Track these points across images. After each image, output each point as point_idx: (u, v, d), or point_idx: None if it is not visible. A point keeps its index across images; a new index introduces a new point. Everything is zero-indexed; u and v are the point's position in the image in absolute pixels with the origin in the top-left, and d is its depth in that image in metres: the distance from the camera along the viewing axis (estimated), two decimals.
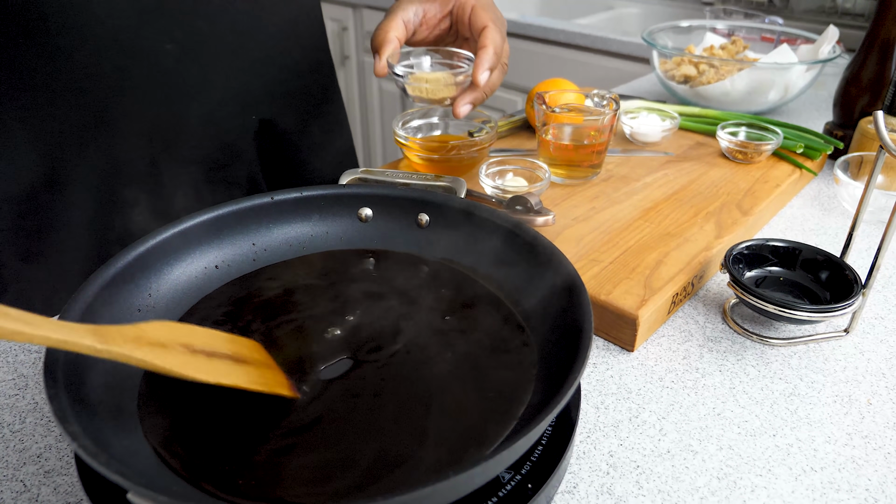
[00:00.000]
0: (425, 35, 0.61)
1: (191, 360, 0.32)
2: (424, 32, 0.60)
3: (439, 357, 0.39)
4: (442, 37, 0.62)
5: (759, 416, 0.44)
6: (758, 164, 0.73)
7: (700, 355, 0.50)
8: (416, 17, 0.58)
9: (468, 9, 0.57)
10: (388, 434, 0.34)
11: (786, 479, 0.40)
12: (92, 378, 0.34)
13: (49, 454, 0.40)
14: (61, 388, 0.30)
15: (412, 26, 0.58)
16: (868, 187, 0.50)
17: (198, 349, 0.33)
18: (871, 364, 0.49)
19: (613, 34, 1.39)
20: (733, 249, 0.53)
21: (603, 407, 0.45)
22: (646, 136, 0.77)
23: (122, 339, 0.30)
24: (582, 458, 0.41)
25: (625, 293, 0.50)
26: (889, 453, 0.42)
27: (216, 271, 0.45)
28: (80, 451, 0.27)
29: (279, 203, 0.48)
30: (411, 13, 0.57)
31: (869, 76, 0.79)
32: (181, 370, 0.31)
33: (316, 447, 0.33)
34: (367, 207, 0.50)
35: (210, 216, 0.45)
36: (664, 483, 0.39)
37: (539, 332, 0.41)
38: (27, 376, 0.46)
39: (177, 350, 0.32)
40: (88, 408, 0.32)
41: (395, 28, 0.56)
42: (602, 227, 0.60)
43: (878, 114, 0.46)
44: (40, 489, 0.38)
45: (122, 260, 0.40)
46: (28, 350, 0.49)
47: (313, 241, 0.49)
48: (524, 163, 0.66)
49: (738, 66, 0.87)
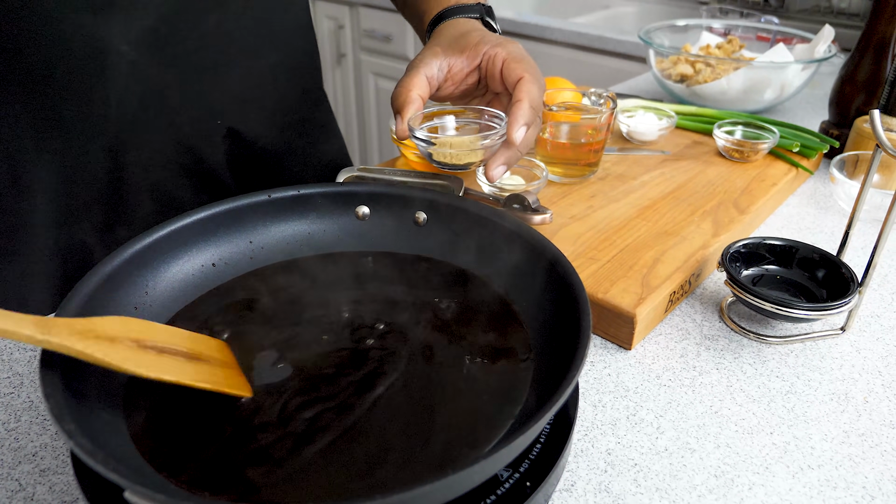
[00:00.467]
0: (451, 91, 0.54)
1: (134, 356, 0.32)
2: (450, 88, 0.54)
3: (437, 355, 0.39)
4: (469, 92, 0.56)
5: (757, 413, 0.44)
6: (754, 162, 0.73)
7: (697, 353, 0.50)
8: (441, 73, 0.52)
9: (499, 62, 0.51)
10: (387, 432, 0.34)
11: (783, 477, 0.40)
12: (89, 376, 0.33)
13: (45, 453, 0.40)
14: (57, 386, 0.30)
15: (436, 82, 0.51)
16: (864, 186, 0.50)
17: (149, 345, 0.34)
18: (868, 362, 0.49)
19: (610, 33, 1.39)
20: (730, 248, 0.53)
21: (601, 405, 0.45)
22: (642, 134, 0.77)
23: (68, 331, 0.30)
24: (580, 455, 0.41)
25: (622, 291, 0.50)
26: (885, 451, 0.42)
27: (213, 269, 0.45)
28: (77, 449, 0.26)
29: (276, 201, 0.48)
30: (435, 68, 0.51)
31: (864, 75, 0.79)
32: (120, 364, 0.31)
33: (311, 448, 0.33)
34: (365, 205, 0.50)
35: (206, 214, 0.45)
36: (662, 481, 0.39)
37: (537, 330, 0.41)
38: (22, 374, 0.46)
39: (124, 345, 0.32)
40: (85, 406, 0.31)
41: (417, 86, 0.49)
42: (599, 225, 0.60)
43: (875, 113, 0.46)
44: (36, 488, 0.38)
45: (118, 257, 0.39)
46: (24, 348, 0.49)
47: (310, 239, 0.49)
48: (521, 161, 0.66)
49: (735, 66, 0.88)
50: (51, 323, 0.30)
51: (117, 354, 0.32)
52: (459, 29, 0.54)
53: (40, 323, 0.29)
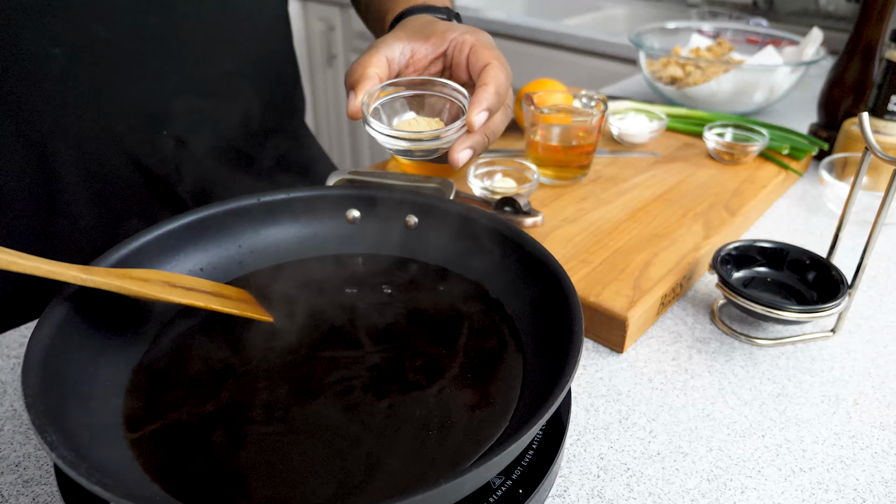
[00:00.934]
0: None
1: (165, 290, 0.37)
2: (412, 76, 0.49)
3: (427, 359, 0.39)
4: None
5: (749, 416, 0.44)
6: (744, 165, 0.73)
7: (689, 356, 0.50)
8: (403, 57, 0.47)
9: (466, 48, 0.47)
10: (376, 440, 0.33)
11: (775, 480, 0.40)
12: (72, 385, 0.33)
13: (28, 462, 0.39)
14: (38, 395, 0.29)
15: (397, 66, 0.47)
16: (854, 188, 0.50)
17: (178, 285, 0.39)
18: (858, 364, 0.49)
19: (600, 35, 1.40)
20: (721, 250, 0.54)
21: (593, 409, 0.45)
22: (633, 136, 0.77)
23: (105, 274, 0.35)
24: (572, 461, 0.41)
25: (614, 294, 0.50)
26: (876, 453, 0.42)
27: (201, 274, 0.44)
28: (59, 461, 0.26)
29: (266, 204, 0.47)
30: (397, 51, 0.47)
31: (852, 78, 0.79)
32: (157, 294, 0.37)
33: (300, 456, 0.32)
34: (355, 209, 0.49)
35: (194, 218, 0.44)
36: (654, 485, 0.39)
37: (529, 334, 0.40)
38: (5, 382, 0.45)
39: (157, 284, 0.38)
40: (68, 416, 0.31)
41: (375, 64, 0.45)
42: (591, 227, 0.60)
43: (864, 115, 0.47)
44: (18, 499, 0.37)
45: (104, 262, 0.39)
46: (6, 356, 0.48)
47: (301, 243, 0.48)
48: (513, 164, 0.66)
49: (725, 68, 0.88)
50: (90, 269, 0.35)
51: (151, 289, 0.37)
52: (426, 20, 0.51)
53: (82, 268, 0.34)
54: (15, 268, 0.31)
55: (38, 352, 0.32)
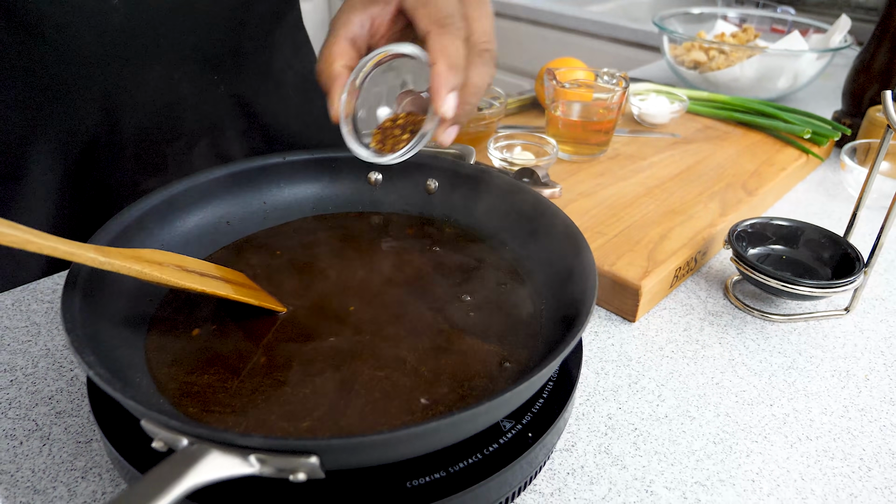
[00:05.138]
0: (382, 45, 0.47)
1: (183, 276, 0.37)
2: (381, 42, 0.47)
3: (447, 310, 0.40)
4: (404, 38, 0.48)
5: (758, 386, 0.45)
6: (764, 147, 0.73)
7: (701, 328, 0.50)
8: (364, 29, 0.45)
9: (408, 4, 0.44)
10: (394, 375, 0.35)
11: (781, 446, 0.40)
12: (107, 316, 0.35)
13: (60, 396, 0.41)
14: (77, 322, 0.31)
15: (362, 42, 0.46)
16: (874, 166, 0.50)
17: (190, 270, 0.39)
18: (871, 342, 0.50)
19: (624, 21, 1.39)
20: (737, 226, 0.54)
21: (603, 373, 0.46)
22: (654, 117, 0.77)
23: (122, 256, 0.35)
24: (581, 419, 0.42)
25: (628, 265, 0.51)
26: (885, 426, 0.42)
27: (227, 227, 0.46)
28: (96, 378, 0.27)
29: (291, 164, 0.48)
30: (357, 25, 0.45)
31: (879, 66, 0.79)
32: (177, 281, 0.36)
33: (320, 384, 0.34)
34: (378, 172, 0.50)
35: (223, 173, 0.46)
36: (661, 445, 0.40)
37: (544, 291, 0.41)
38: (40, 324, 0.47)
39: (171, 268, 0.37)
40: (103, 343, 0.32)
41: (340, 55, 0.44)
42: (607, 202, 0.60)
43: (887, 93, 0.47)
44: (52, 428, 0.39)
45: (136, 209, 0.40)
46: (41, 300, 0.50)
47: (323, 202, 0.50)
48: (532, 138, 0.66)
49: (749, 53, 0.87)
50: (106, 249, 0.35)
51: (171, 274, 0.36)
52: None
53: (99, 250, 0.34)
54: (31, 247, 0.30)
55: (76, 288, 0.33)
